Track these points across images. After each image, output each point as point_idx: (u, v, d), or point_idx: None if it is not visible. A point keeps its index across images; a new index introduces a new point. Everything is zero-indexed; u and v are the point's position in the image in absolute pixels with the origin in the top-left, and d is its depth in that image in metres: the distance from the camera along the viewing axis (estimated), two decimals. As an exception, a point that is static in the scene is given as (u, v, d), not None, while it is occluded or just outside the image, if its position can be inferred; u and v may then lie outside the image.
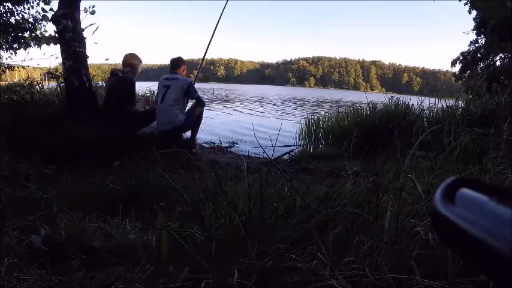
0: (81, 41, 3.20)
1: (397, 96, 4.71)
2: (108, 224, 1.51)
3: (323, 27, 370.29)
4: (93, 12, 3.44)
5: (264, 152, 1.50)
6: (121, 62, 3.36)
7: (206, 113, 3.78)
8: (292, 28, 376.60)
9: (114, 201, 1.74)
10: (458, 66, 11.85)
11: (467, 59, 11.43)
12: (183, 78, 3.33)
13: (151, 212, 1.58)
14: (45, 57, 3.70)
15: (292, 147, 3.87)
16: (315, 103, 17.95)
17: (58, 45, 3.28)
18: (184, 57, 3.60)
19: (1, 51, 4.09)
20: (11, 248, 1.14)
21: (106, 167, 2.58)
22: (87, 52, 3.28)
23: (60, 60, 3.29)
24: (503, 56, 9.97)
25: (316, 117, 5.33)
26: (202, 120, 3.49)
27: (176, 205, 1.44)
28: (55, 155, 2.47)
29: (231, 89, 35.41)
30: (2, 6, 4.01)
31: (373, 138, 3.30)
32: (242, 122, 7.46)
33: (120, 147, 2.88)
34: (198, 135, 3.59)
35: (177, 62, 3.43)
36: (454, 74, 12.36)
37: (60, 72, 3.40)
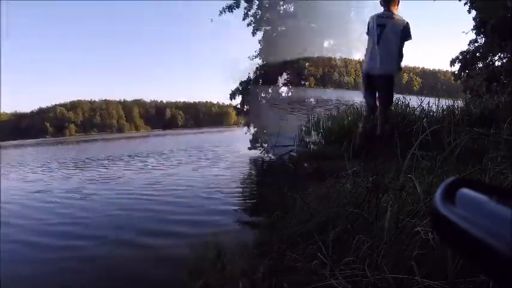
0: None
1: (397, 96, 4.69)
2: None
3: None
4: None
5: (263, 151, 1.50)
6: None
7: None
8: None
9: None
10: (457, 66, 11.82)
11: (467, 58, 11.41)
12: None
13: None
14: None
15: (292, 147, 3.86)
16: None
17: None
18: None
19: None
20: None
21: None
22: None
23: None
24: (502, 56, 9.95)
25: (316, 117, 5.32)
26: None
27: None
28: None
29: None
30: None
31: (373, 138, 3.29)
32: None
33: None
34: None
35: None
36: (453, 73, 12.32)
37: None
